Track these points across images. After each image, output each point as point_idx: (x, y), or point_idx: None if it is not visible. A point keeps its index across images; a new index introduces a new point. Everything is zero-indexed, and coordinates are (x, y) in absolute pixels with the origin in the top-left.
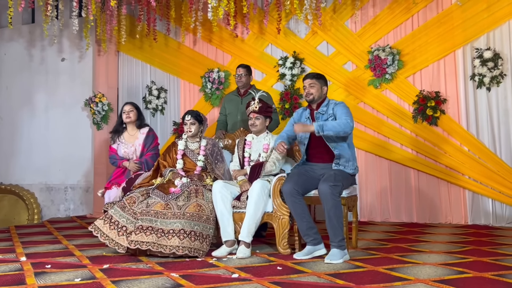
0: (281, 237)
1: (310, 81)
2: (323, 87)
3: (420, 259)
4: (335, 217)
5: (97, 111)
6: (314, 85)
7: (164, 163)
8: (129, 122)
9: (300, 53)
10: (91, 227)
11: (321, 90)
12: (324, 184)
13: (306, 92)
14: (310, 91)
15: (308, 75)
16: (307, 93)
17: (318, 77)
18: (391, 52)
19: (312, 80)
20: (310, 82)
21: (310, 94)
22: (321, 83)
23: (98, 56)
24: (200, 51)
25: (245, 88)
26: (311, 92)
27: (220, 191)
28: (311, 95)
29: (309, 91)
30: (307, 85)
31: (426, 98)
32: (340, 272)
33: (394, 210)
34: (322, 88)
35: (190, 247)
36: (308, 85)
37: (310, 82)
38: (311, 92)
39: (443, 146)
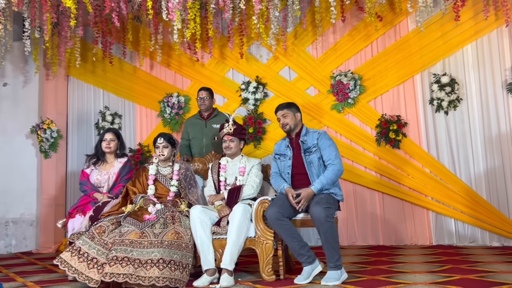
0: (265, 263)
1: (282, 112)
2: (296, 114)
3: (408, 279)
4: (331, 238)
5: (45, 138)
6: (286, 115)
7: (133, 189)
8: (108, 152)
9: (263, 78)
10: (56, 261)
11: (294, 118)
12: (318, 207)
13: (282, 124)
14: (285, 122)
15: (278, 106)
16: (282, 124)
17: (288, 106)
18: (352, 77)
19: (283, 110)
20: (283, 113)
21: (285, 125)
22: (293, 111)
23: (47, 80)
24: (157, 75)
25: (208, 112)
26: (286, 122)
27: (198, 216)
28: (287, 125)
29: (284, 121)
30: (280, 116)
31: (388, 122)
32: None
33: (360, 233)
34: (295, 115)
35: (171, 277)
36: (281, 116)
37: (283, 113)
38: (286, 122)
39: (406, 168)
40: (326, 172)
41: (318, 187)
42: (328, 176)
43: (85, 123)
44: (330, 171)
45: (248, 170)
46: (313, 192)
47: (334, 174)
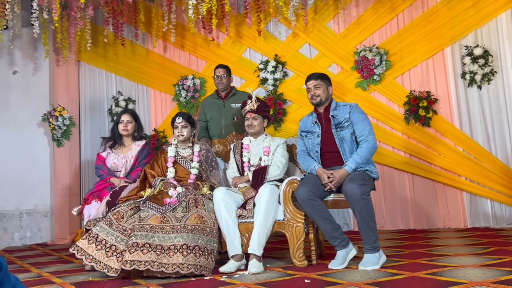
0: (296, 248)
1: (314, 82)
2: (328, 87)
3: (453, 262)
4: (368, 217)
5: (57, 126)
6: (319, 86)
7: (152, 172)
8: (125, 135)
9: (282, 57)
10: (72, 249)
11: (327, 91)
12: (352, 184)
13: (312, 95)
14: (316, 93)
15: (311, 75)
16: (312, 96)
17: (322, 77)
18: (378, 52)
19: (316, 81)
20: (315, 83)
21: (316, 96)
22: (327, 84)
23: (57, 66)
24: (171, 57)
25: (226, 91)
26: (317, 93)
27: (223, 198)
28: (318, 97)
29: (315, 92)
30: (312, 86)
31: (418, 99)
32: (380, 281)
33: (389, 217)
34: (328, 89)
35: (196, 264)
36: (312, 86)
37: (315, 83)
38: (317, 94)
39: (437, 147)
40: (359, 150)
41: (353, 167)
42: (362, 154)
43: (98, 109)
44: (364, 148)
45: (273, 150)
46: (347, 173)
47: (368, 152)
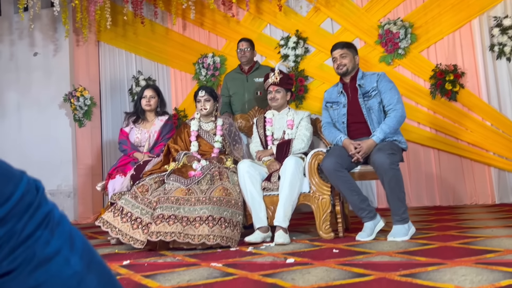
0: (322, 220)
1: (341, 51)
2: (355, 56)
3: (486, 233)
4: (397, 187)
5: (78, 106)
6: (346, 55)
7: (175, 146)
8: (148, 110)
9: (303, 32)
10: (98, 222)
11: (354, 60)
12: (380, 153)
13: (338, 64)
14: (343, 62)
15: (337, 44)
16: (339, 65)
17: (348, 46)
18: (403, 25)
19: (343, 49)
20: (341, 53)
21: (343, 66)
22: (353, 52)
23: (77, 46)
24: (191, 36)
25: (249, 65)
26: (343, 63)
27: (248, 171)
28: (344, 66)
29: (341, 62)
30: (338, 56)
31: (444, 72)
32: (411, 250)
33: (414, 194)
34: (354, 58)
35: (222, 235)
36: (339, 56)
37: (341, 53)
38: (343, 63)
39: (464, 122)
40: (387, 119)
41: (381, 137)
42: (390, 124)
43: (119, 89)
44: (393, 117)
45: (297, 123)
46: (374, 143)
47: (397, 121)
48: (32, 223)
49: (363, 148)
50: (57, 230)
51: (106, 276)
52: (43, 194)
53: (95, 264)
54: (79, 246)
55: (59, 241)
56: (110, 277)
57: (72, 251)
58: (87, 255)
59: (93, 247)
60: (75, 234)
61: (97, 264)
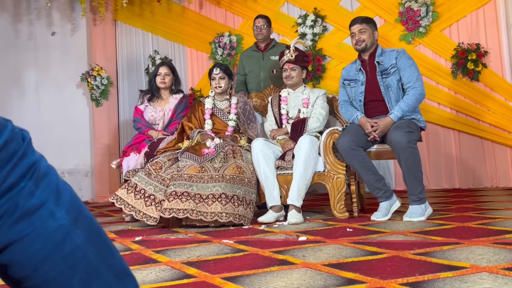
0: (336, 200)
1: (359, 26)
2: (374, 32)
3: (505, 214)
4: (414, 166)
5: (95, 85)
6: (365, 30)
7: (189, 124)
8: (163, 88)
9: (321, 10)
10: (112, 198)
11: (373, 36)
12: (398, 131)
13: (357, 40)
14: (362, 38)
15: (356, 19)
16: (357, 41)
17: (367, 21)
18: (424, 2)
19: (361, 25)
20: (360, 28)
21: (361, 41)
22: (372, 28)
23: (94, 25)
24: (207, 15)
25: (265, 42)
26: (362, 38)
27: (261, 149)
28: (363, 42)
29: (360, 37)
30: (357, 31)
31: (466, 51)
32: (427, 230)
33: (433, 176)
34: (374, 34)
35: (234, 213)
36: (357, 31)
37: (360, 28)
38: (362, 39)
39: (486, 103)
40: (406, 97)
41: (398, 115)
42: (408, 102)
43: (135, 69)
44: (411, 95)
45: (313, 102)
46: (392, 121)
47: (415, 99)
48: (16, 173)
49: (380, 127)
50: (42, 182)
51: (94, 232)
52: (30, 144)
53: (83, 220)
54: (66, 200)
55: (44, 193)
56: (100, 234)
57: (58, 204)
58: (74, 210)
59: (82, 202)
60: (63, 187)
61: (85, 219)
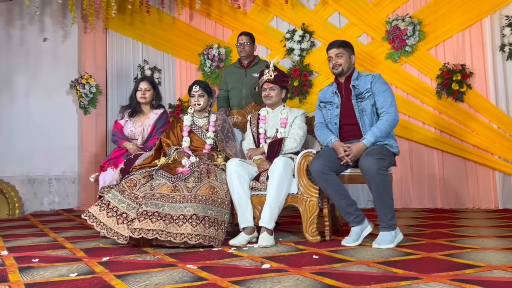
0: (308, 223)
1: (337, 51)
2: (351, 56)
3: (474, 243)
4: (384, 193)
5: (84, 93)
6: (342, 54)
7: (167, 141)
8: (144, 103)
9: (310, 26)
10: (84, 215)
11: (349, 60)
12: (369, 158)
13: (333, 64)
14: (338, 62)
15: (333, 43)
16: (334, 65)
17: (345, 45)
18: (411, 22)
19: (339, 49)
20: (337, 52)
21: (338, 66)
22: (349, 52)
23: (84, 33)
24: (197, 26)
25: (248, 59)
26: (339, 62)
27: (236, 170)
28: (340, 66)
29: (337, 61)
30: (334, 55)
31: (451, 72)
32: (391, 260)
33: (416, 196)
34: (350, 58)
35: (205, 235)
36: (334, 55)
37: (337, 52)
38: (339, 63)
39: (470, 124)
40: (379, 123)
41: (371, 140)
42: (381, 127)
43: (125, 77)
44: (384, 121)
45: (291, 122)
46: (365, 146)
47: (388, 125)
48: None
49: (353, 151)
50: None
51: None
52: None
53: None
54: None
55: None
56: None
57: None
58: None
59: None
60: None
61: None
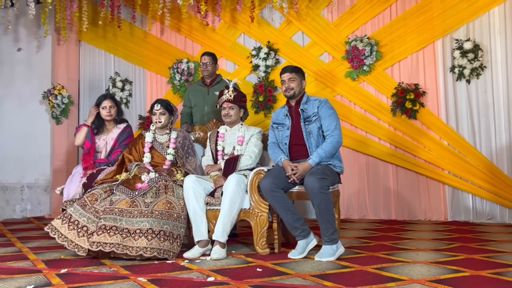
0: (259, 236)
1: (289, 75)
2: (302, 81)
3: (408, 257)
4: (325, 210)
5: (56, 104)
6: (294, 79)
7: (129, 157)
8: (109, 120)
9: (275, 44)
10: (47, 228)
11: (301, 84)
12: (311, 178)
13: (286, 87)
14: (291, 86)
15: (286, 68)
16: (287, 88)
17: (297, 70)
18: (369, 42)
19: (291, 74)
20: (290, 76)
21: (290, 89)
22: (300, 77)
23: (58, 45)
24: (168, 40)
25: (211, 78)
26: (291, 86)
27: (192, 186)
28: (292, 90)
29: (289, 85)
30: (286, 79)
31: (405, 91)
32: (326, 273)
33: (372, 207)
34: (301, 83)
35: (159, 248)
36: (287, 79)
37: (290, 76)
38: (291, 87)
39: (422, 140)
40: (324, 145)
41: (316, 160)
42: (326, 149)
43: (97, 89)
44: (329, 143)
45: (247, 140)
46: (310, 166)
47: (332, 147)
48: None
49: (299, 170)
50: None
51: None
52: None
53: None
54: None
55: None
56: None
57: None
58: None
59: None
60: None
61: None
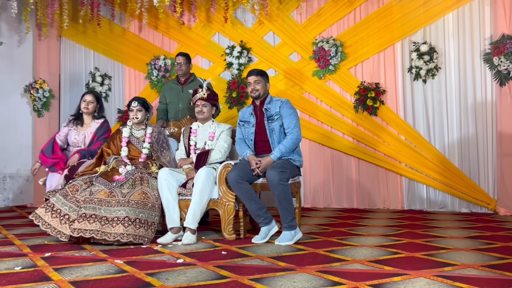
0: (226, 223)
1: (255, 78)
2: (266, 83)
3: (358, 241)
4: (284, 200)
5: (37, 97)
6: (259, 81)
7: (108, 150)
8: (86, 113)
9: (247, 43)
10: (32, 216)
11: (265, 87)
12: (272, 171)
13: (252, 89)
14: (256, 87)
15: (252, 71)
16: (252, 90)
17: (262, 73)
18: (334, 44)
19: (257, 77)
20: (255, 79)
21: (256, 91)
22: (265, 80)
23: (39, 40)
24: (146, 37)
25: (185, 77)
26: (256, 88)
27: (165, 178)
28: (257, 91)
29: (255, 87)
30: (252, 81)
31: (367, 89)
32: (282, 255)
33: (336, 197)
34: (266, 85)
35: (135, 234)
36: (253, 81)
37: (255, 79)
38: (256, 89)
39: (382, 135)
40: (284, 141)
41: (277, 155)
42: (286, 145)
43: (77, 83)
44: (289, 139)
45: (218, 135)
46: (272, 160)
47: (292, 143)
48: None
49: (262, 164)
50: None
51: None
52: None
53: None
54: None
55: None
56: None
57: None
58: None
59: None
60: None
61: None
